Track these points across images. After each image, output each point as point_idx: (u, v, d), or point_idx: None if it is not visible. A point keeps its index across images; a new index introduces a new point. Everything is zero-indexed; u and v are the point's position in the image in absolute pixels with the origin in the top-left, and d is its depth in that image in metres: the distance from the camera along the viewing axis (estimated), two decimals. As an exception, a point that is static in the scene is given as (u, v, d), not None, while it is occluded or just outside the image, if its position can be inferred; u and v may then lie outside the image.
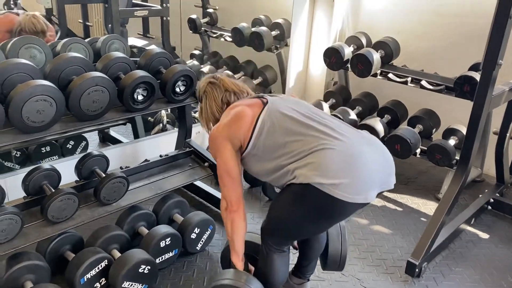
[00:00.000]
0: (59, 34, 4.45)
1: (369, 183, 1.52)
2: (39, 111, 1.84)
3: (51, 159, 3.10)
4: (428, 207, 2.98)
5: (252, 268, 1.88)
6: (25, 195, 2.07)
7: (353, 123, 3.36)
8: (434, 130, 3.24)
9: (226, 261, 1.93)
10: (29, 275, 1.88)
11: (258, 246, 1.83)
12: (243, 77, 4.09)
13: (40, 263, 1.92)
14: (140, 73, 2.17)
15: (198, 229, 2.31)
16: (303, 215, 1.59)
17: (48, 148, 3.10)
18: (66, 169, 2.24)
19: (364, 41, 3.55)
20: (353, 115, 3.41)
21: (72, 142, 3.26)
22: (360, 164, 1.51)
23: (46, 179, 2.08)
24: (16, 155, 2.99)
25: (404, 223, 2.79)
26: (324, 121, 1.62)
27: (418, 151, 3.07)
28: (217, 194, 2.76)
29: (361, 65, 3.27)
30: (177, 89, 2.37)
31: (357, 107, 3.55)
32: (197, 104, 2.65)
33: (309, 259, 1.95)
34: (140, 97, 2.21)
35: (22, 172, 2.18)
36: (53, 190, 2.00)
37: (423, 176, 3.43)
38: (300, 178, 1.51)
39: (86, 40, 2.62)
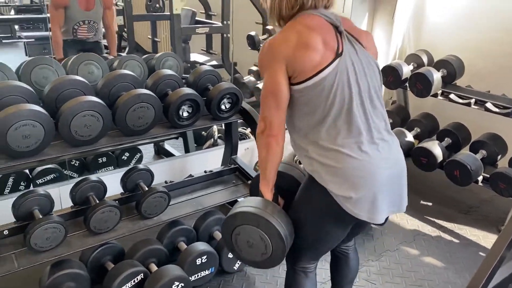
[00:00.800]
0: (127, 48, 4.75)
1: (378, 204, 1.46)
2: (86, 126, 1.91)
3: (106, 169, 3.25)
4: (489, 240, 2.74)
5: (281, 201, 1.70)
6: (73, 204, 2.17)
7: (410, 146, 3.19)
8: (499, 156, 2.99)
9: (256, 192, 1.72)
10: (70, 283, 1.95)
11: (291, 178, 1.71)
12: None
13: (80, 271, 1.99)
14: (186, 90, 2.21)
15: (236, 249, 2.29)
16: (318, 215, 1.54)
17: (104, 159, 3.25)
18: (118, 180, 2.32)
19: (425, 59, 3.38)
20: (410, 136, 3.24)
21: (127, 154, 3.39)
22: (375, 184, 1.44)
23: (93, 190, 2.16)
24: (75, 164, 3.16)
25: (460, 256, 2.58)
26: (370, 114, 1.48)
27: (480, 178, 2.84)
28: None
29: (420, 84, 3.11)
30: (223, 107, 2.38)
31: (415, 129, 3.38)
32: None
33: (340, 286, 1.86)
34: (185, 114, 2.25)
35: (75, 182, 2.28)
36: (98, 202, 2.08)
37: (486, 205, 3.16)
38: (316, 175, 1.47)
39: (143, 57, 2.73)
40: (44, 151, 1.88)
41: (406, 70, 3.26)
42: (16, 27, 8.86)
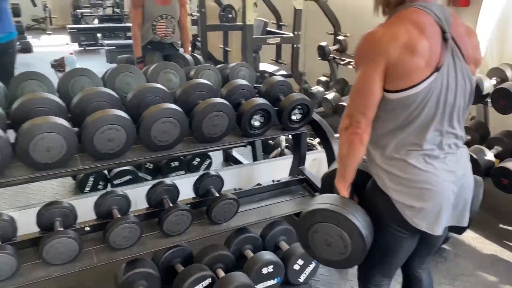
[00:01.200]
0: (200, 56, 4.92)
1: (441, 217, 1.42)
2: (165, 131, 2.00)
3: (177, 173, 3.37)
4: None
5: (357, 199, 1.60)
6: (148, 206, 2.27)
7: (490, 165, 3.01)
8: None
9: (327, 187, 1.64)
10: (142, 281, 2.03)
11: (367, 175, 1.56)
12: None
13: (152, 271, 2.07)
14: (259, 100, 2.25)
15: (302, 261, 2.28)
16: (381, 220, 1.49)
17: (176, 163, 3.37)
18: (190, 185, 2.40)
19: (509, 73, 3.19)
20: (489, 155, 3.05)
21: (198, 159, 3.50)
22: (441, 197, 1.41)
23: (167, 193, 2.25)
24: (149, 167, 3.31)
25: (545, 287, 2.38)
26: (446, 133, 1.42)
27: None
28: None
29: (503, 100, 2.94)
30: (293, 117, 2.39)
31: (495, 147, 3.18)
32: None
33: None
34: (257, 123, 2.28)
35: (150, 184, 2.38)
36: (171, 205, 2.16)
37: None
38: (379, 181, 1.46)
39: (217, 66, 2.82)
40: (125, 154, 1.99)
41: (488, 84, 3.08)
42: (99, 35, 9.55)
